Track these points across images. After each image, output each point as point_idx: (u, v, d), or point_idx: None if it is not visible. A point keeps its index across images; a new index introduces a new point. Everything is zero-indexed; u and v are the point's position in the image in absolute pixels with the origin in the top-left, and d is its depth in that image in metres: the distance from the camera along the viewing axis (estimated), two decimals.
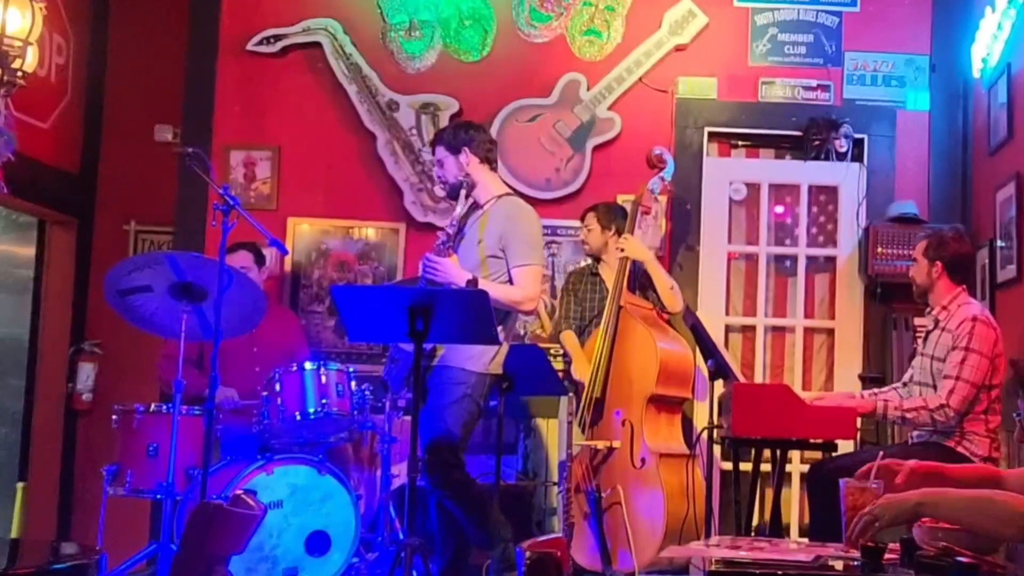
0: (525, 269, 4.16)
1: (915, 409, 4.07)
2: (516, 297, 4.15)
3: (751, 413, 4.05)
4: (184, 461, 4.40)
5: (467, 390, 4.10)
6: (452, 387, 4.10)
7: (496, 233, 4.18)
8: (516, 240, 4.18)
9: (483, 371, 4.16)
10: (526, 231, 4.22)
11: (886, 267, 5.35)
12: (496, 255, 4.19)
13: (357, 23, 5.80)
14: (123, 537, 4.99)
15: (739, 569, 2.43)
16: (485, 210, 4.24)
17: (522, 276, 4.16)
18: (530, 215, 4.28)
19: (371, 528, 4.96)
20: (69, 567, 2.45)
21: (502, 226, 4.19)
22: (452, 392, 4.09)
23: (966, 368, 4.01)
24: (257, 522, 2.47)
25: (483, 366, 4.15)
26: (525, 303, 4.19)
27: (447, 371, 4.12)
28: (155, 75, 6.28)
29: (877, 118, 5.68)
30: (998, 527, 2.31)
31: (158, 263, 4.23)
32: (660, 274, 4.98)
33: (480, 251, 4.19)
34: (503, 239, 4.17)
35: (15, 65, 4.70)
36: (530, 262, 4.18)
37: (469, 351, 4.12)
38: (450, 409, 4.08)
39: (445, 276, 4.06)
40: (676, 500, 4.63)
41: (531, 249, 4.21)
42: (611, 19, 5.77)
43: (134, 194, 6.28)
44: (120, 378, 6.04)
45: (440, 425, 4.08)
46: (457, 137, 4.28)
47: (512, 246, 4.17)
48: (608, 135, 5.70)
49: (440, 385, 4.12)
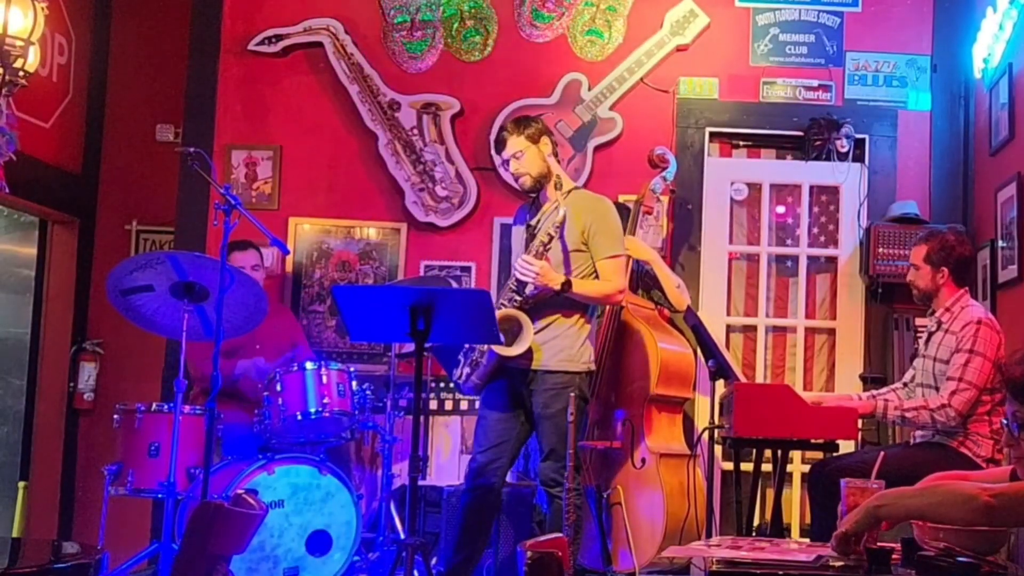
0: (613, 261, 4.21)
1: (916, 409, 4.07)
2: (607, 291, 4.20)
3: (752, 413, 4.05)
4: (185, 460, 4.40)
5: (575, 391, 4.12)
6: (562, 391, 4.13)
7: (579, 227, 4.18)
8: (602, 232, 4.19)
9: (585, 370, 4.21)
10: (608, 222, 4.24)
11: (887, 267, 5.35)
12: (579, 249, 4.20)
13: (359, 23, 5.81)
14: (124, 536, 5.00)
15: (740, 569, 2.43)
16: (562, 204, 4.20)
17: (611, 268, 4.20)
18: (609, 205, 4.31)
19: (372, 528, 4.96)
20: (70, 566, 2.46)
21: (585, 219, 4.19)
22: (563, 396, 4.11)
23: (969, 370, 4.00)
24: (258, 522, 2.47)
25: (584, 364, 4.20)
26: (616, 295, 4.26)
27: (552, 376, 4.15)
28: (157, 75, 6.29)
29: (878, 118, 5.68)
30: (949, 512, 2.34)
31: (160, 263, 4.24)
32: (666, 273, 4.99)
33: (563, 246, 4.20)
34: (587, 232, 4.19)
35: (17, 65, 4.70)
36: (616, 253, 4.22)
37: (568, 352, 4.16)
38: (564, 413, 4.09)
39: (540, 279, 4.06)
40: (677, 500, 4.63)
41: (615, 240, 4.25)
42: (612, 19, 5.77)
43: (136, 194, 6.29)
44: (121, 377, 6.05)
45: (559, 431, 4.12)
46: (531, 126, 4.26)
47: (598, 238, 4.19)
48: (609, 135, 5.70)
49: (548, 390, 4.15)
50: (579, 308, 4.23)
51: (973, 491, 2.31)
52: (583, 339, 4.23)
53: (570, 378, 4.16)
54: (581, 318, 4.23)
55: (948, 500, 2.34)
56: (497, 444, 4.23)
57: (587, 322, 4.26)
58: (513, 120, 4.39)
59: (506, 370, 4.21)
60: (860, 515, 2.37)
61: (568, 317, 4.20)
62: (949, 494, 2.35)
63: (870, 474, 2.68)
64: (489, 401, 4.30)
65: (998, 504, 2.26)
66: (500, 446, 4.23)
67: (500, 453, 4.23)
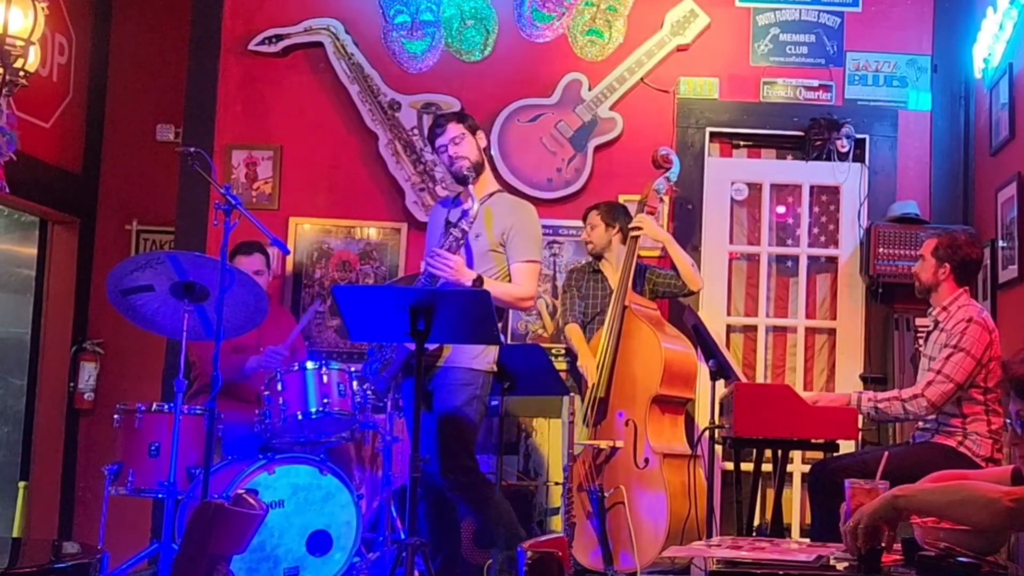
0: (527, 265, 4.18)
1: (888, 400, 4.08)
2: (518, 294, 4.17)
3: (752, 413, 4.04)
4: (186, 460, 4.40)
5: (475, 390, 4.12)
6: (461, 388, 4.11)
7: (499, 228, 4.18)
8: (519, 236, 4.18)
9: (487, 369, 4.18)
10: (529, 227, 4.23)
11: (888, 267, 5.35)
12: (496, 250, 4.20)
13: (359, 23, 5.81)
14: (125, 536, 5.00)
15: (740, 569, 2.43)
16: (484, 203, 4.22)
17: (523, 273, 4.18)
18: (531, 211, 4.30)
19: (373, 528, 4.96)
20: (71, 566, 2.46)
21: (505, 221, 4.19)
22: (462, 393, 4.10)
23: (949, 364, 4.01)
24: (259, 522, 2.47)
25: (487, 364, 4.18)
26: (526, 300, 4.23)
27: (453, 372, 4.13)
28: (157, 75, 6.29)
29: (879, 118, 5.68)
30: (969, 512, 2.33)
31: (160, 262, 4.23)
32: (679, 253, 5.01)
33: (484, 245, 4.19)
34: (506, 234, 4.18)
35: (17, 65, 4.70)
36: (532, 258, 4.20)
37: (472, 351, 4.13)
38: (462, 410, 4.09)
39: (452, 273, 4.05)
40: (678, 500, 4.63)
41: (534, 245, 4.23)
42: (613, 19, 5.77)
43: (136, 194, 6.29)
44: (122, 377, 6.05)
45: (455, 427, 4.09)
46: (469, 119, 4.29)
47: (514, 242, 4.18)
48: (610, 135, 5.70)
49: (448, 386, 4.12)
50: None
51: (995, 494, 2.29)
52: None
53: (472, 376, 4.12)
54: None
55: (969, 500, 2.32)
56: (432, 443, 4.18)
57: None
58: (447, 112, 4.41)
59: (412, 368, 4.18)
60: (879, 505, 2.36)
61: None
62: (970, 495, 2.33)
63: (870, 474, 2.67)
64: (407, 401, 4.28)
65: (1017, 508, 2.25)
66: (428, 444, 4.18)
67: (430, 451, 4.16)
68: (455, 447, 4.08)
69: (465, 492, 4.12)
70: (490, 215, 4.20)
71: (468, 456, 4.11)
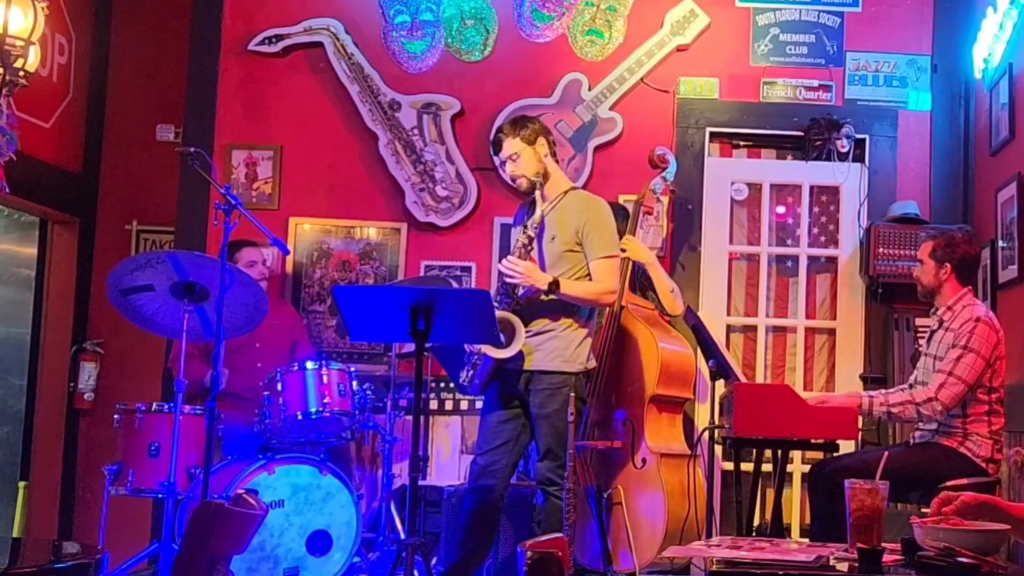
0: (606, 261, 4.20)
1: (901, 404, 4.07)
2: (599, 290, 4.19)
3: (752, 413, 4.05)
4: (186, 460, 4.41)
5: (571, 392, 4.13)
6: (557, 391, 4.14)
7: (573, 227, 4.19)
8: (595, 232, 4.19)
9: (580, 370, 4.21)
10: (602, 222, 4.24)
11: (888, 267, 5.35)
12: (573, 249, 4.20)
13: (359, 23, 5.80)
14: (125, 536, 5.00)
15: (740, 569, 2.43)
16: (556, 205, 4.21)
17: (603, 269, 4.19)
18: (604, 206, 4.31)
19: (372, 528, 4.96)
20: (71, 566, 2.46)
21: (579, 219, 4.19)
22: (558, 396, 4.12)
23: (960, 365, 4.01)
24: (258, 522, 2.47)
25: (579, 365, 4.20)
26: (607, 295, 4.25)
27: (547, 376, 4.15)
28: (157, 75, 6.30)
29: (879, 118, 5.68)
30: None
31: (160, 262, 4.23)
32: (661, 276, 4.98)
33: (558, 247, 4.20)
34: (580, 232, 4.19)
35: (17, 65, 4.70)
36: (609, 253, 4.22)
37: (564, 353, 4.16)
38: (560, 414, 4.10)
39: (524, 279, 4.08)
40: (677, 500, 4.63)
41: (609, 240, 4.24)
42: (613, 19, 5.77)
43: (136, 193, 6.30)
44: (122, 377, 6.05)
45: (554, 431, 4.12)
46: (528, 127, 4.25)
47: (590, 239, 4.19)
48: (610, 135, 5.70)
49: (544, 390, 4.15)
50: (573, 310, 4.22)
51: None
52: (579, 340, 4.22)
53: (565, 378, 4.15)
54: (576, 320, 4.22)
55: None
56: (497, 446, 4.23)
57: (582, 324, 4.24)
58: (510, 121, 4.38)
59: (504, 372, 4.21)
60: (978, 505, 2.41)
61: (563, 318, 4.19)
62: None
63: (870, 474, 2.67)
64: (489, 403, 4.31)
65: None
66: (500, 448, 4.23)
67: (500, 455, 4.23)
68: (558, 451, 4.13)
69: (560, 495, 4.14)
70: (563, 215, 4.20)
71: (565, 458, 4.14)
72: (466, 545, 4.23)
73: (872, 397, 4.17)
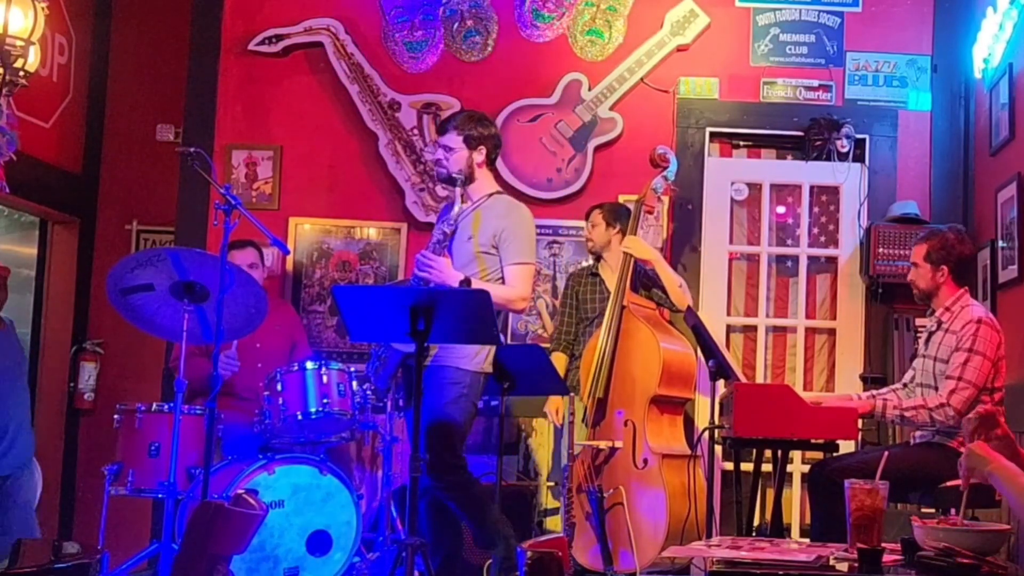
0: (519, 268, 4.16)
1: (915, 408, 4.06)
2: (510, 296, 4.14)
3: (752, 413, 4.04)
4: (186, 460, 4.40)
5: (463, 389, 4.10)
6: (448, 387, 4.09)
7: (490, 230, 4.17)
8: (511, 238, 4.16)
9: (478, 370, 4.16)
10: (521, 229, 4.20)
11: (888, 267, 5.35)
12: (489, 252, 4.18)
13: (359, 23, 5.81)
14: (125, 536, 5.01)
15: (740, 569, 2.43)
16: (478, 206, 4.22)
17: (516, 275, 4.15)
18: (525, 213, 4.28)
19: (373, 528, 4.96)
20: (71, 566, 2.46)
21: (497, 223, 4.18)
22: (448, 392, 4.09)
23: (968, 369, 4.00)
24: (258, 522, 2.47)
25: (477, 365, 4.16)
26: (518, 302, 4.19)
27: (442, 371, 4.11)
28: (157, 75, 6.30)
29: (879, 118, 5.68)
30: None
31: (161, 260, 4.22)
32: (668, 272, 4.98)
33: (472, 248, 4.18)
34: (497, 236, 4.16)
35: (17, 65, 4.70)
36: (524, 260, 4.18)
37: (462, 350, 4.11)
38: (448, 408, 4.07)
39: (439, 275, 4.06)
40: (678, 500, 4.63)
41: (526, 247, 4.20)
42: (613, 19, 5.77)
43: (136, 194, 6.30)
44: (122, 377, 6.06)
45: (440, 425, 4.07)
46: (476, 131, 4.22)
47: (506, 244, 4.16)
48: (610, 135, 5.71)
49: (436, 385, 4.10)
50: None
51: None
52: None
53: (460, 375, 4.10)
54: None
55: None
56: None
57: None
58: (467, 115, 4.32)
59: (407, 367, 4.17)
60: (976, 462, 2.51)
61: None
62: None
63: (870, 474, 2.68)
64: (404, 401, 4.28)
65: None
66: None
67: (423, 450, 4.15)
68: (438, 446, 4.06)
69: (451, 491, 4.11)
70: (479, 218, 4.19)
71: (453, 455, 4.08)
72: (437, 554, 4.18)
73: (886, 400, 4.18)
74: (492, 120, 4.45)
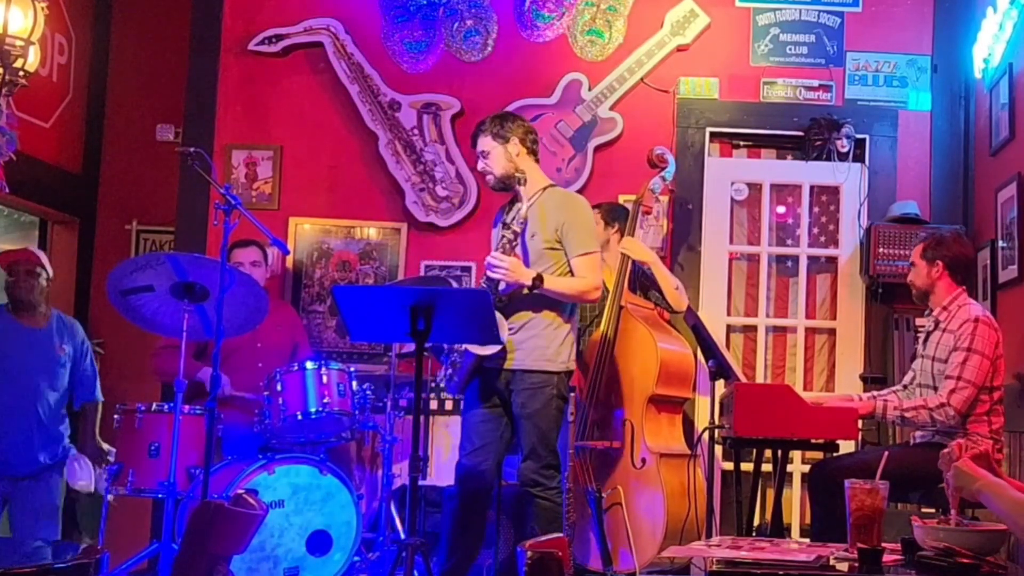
0: (585, 259, 4.19)
1: (915, 409, 4.06)
2: (582, 288, 4.18)
3: (752, 413, 4.04)
4: (186, 460, 4.40)
5: (553, 391, 4.13)
6: (539, 391, 4.12)
7: (552, 225, 4.18)
8: (572, 230, 4.18)
9: (563, 369, 4.19)
10: (580, 220, 4.23)
11: (888, 267, 5.35)
12: (553, 247, 4.19)
13: (359, 23, 5.81)
14: (124, 536, 5.00)
15: (740, 569, 2.43)
16: (535, 202, 4.20)
17: (583, 266, 4.18)
18: (581, 202, 4.30)
19: (373, 528, 4.96)
20: (71, 566, 2.45)
21: (556, 217, 4.18)
22: (541, 396, 4.12)
23: (967, 368, 4.00)
24: (258, 522, 2.47)
25: (562, 364, 4.19)
26: (592, 292, 4.22)
27: (530, 375, 4.14)
28: (157, 75, 6.30)
29: (879, 118, 5.68)
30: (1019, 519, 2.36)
31: (160, 263, 4.23)
32: (664, 274, 4.98)
33: (539, 244, 4.19)
34: (559, 231, 4.18)
35: (17, 64, 4.70)
36: (589, 250, 4.21)
37: (545, 351, 4.14)
38: (543, 413, 4.10)
39: (509, 275, 4.07)
40: (677, 500, 4.63)
41: (588, 237, 4.23)
42: (613, 19, 5.77)
43: (136, 194, 6.30)
44: (122, 377, 6.04)
45: (538, 431, 4.12)
46: (504, 126, 4.25)
47: (569, 236, 4.18)
48: (610, 135, 5.70)
49: (526, 390, 4.14)
50: (556, 307, 4.19)
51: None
52: (561, 338, 4.19)
53: (547, 378, 4.13)
54: (558, 317, 4.19)
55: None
56: (481, 446, 4.21)
57: (565, 321, 4.21)
58: (492, 117, 4.35)
59: (485, 370, 4.20)
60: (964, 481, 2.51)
61: (545, 316, 4.17)
62: None
63: (871, 474, 2.67)
64: (470, 402, 4.29)
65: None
66: (484, 448, 4.21)
67: (485, 455, 4.21)
68: (543, 450, 4.12)
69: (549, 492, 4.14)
70: (543, 212, 4.19)
71: (554, 457, 4.14)
72: (458, 549, 4.21)
73: (887, 401, 4.18)
74: (518, 114, 4.47)
